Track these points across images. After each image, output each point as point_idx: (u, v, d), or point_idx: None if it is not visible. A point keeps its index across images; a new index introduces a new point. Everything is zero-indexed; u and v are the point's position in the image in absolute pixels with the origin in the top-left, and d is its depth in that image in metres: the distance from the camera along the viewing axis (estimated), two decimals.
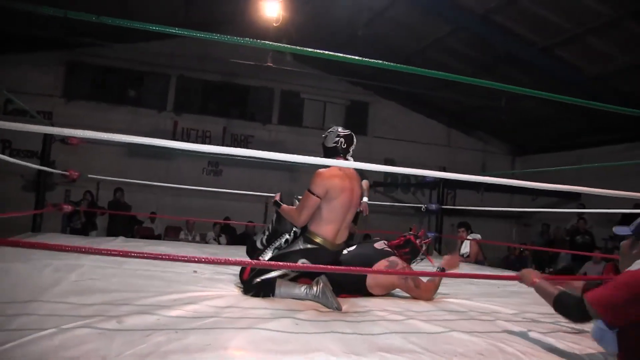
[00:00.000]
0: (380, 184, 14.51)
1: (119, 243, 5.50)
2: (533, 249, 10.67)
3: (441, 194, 8.52)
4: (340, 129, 3.44)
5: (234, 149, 2.48)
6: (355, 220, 4.88)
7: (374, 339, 2.27)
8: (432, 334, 2.44)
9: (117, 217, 10.72)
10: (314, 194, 3.16)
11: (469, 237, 7.65)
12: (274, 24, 8.98)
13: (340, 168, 3.24)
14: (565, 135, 13.37)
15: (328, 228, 3.22)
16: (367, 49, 12.43)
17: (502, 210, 12.73)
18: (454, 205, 13.05)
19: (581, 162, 11.90)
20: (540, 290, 2.47)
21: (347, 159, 3.35)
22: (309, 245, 3.21)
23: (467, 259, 7.46)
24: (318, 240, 3.21)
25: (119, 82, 14.06)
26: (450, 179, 8.41)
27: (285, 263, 3.05)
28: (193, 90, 14.28)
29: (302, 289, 3.08)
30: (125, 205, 11.13)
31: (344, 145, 3.35)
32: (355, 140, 3.42)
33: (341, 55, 2.94)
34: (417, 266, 3.80)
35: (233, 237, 11.48)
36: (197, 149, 2.37)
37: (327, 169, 3.24)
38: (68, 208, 5.66)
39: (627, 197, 3.04)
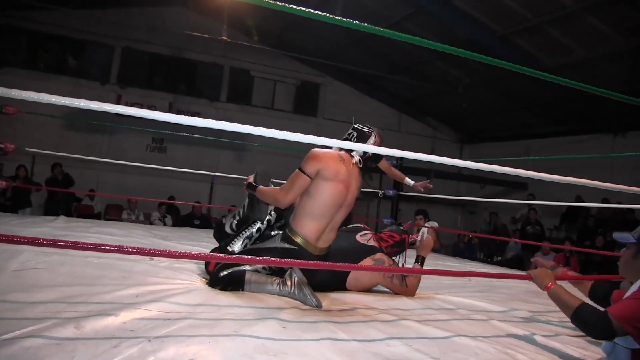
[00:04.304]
0: None
1: (61, 224, 5.00)
2: (486, 237, 10.73)
3: None
4: (360, 125, 3.09)
5: (187, 117, 2.04)
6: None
7: (375, 346, 2.00)
8: (434, 339, 2.19)
9: (56, 194, 10.04)
10: (304, 172, 2.80)
11: (426, 225, 7.53)
12: None
13: (341, 158, 2.90)
14: (513, 125, 13.57)
15: (311, 226, 2.84)
16: (323, 32, 12.19)
17: (449, 198, 12.83)
18: (401, 191, 13.04)
19: (528, 153, 12.14)
20: (555, 298, 2.23)
21: (351, 156, 3.00)
22: (286, 245, 2.85)
23: None
24: (298, 240, 2.84)
25: (58, 51, 13.12)
26: (405, 165, 8.32)
27: (255, 258, 2.74)
28: (139, 63, 13.53)
29: (274, 285, 2.76)
30: (66, 179, 10.38)
31: (355, 140, 3.00)
32: (374, 137, 3.03)
33: (319, 13, 2.55)
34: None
35: (179, 217, 10.98)
36: (150, 116, 2.01)
37: (323, 149, 2.90)
38: (2, 184, 5.09)
39: (583, 184, 2.91)
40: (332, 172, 2.82)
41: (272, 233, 3.04)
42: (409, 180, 5.23)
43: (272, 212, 3.10)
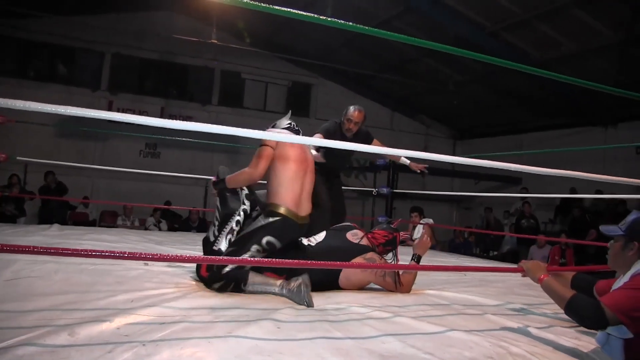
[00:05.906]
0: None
1: (55, 232, 5.00)
2: (481, 232, 10.75)
3: (391, 177, 8.42)
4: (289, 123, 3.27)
5: (179, 122, 2.03)
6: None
7: (370, 343, 2.01)
8: (428, 334, 2.20)
9: (50, 203, 10.00)
10: (267, 145, 2.95)
11: (421, 222, 7.55)
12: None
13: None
14: (506, 120, 13.61)
15: (288, 194, 2.95)
16: (314, 32, 12.20)
17: (444, 194, 12.86)
18: (396, 188, 13.07)
19: (522, 147, 12.18)
20: (548, 290, 2.27)
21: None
22: (270, 219, 2.92)
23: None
24: (281, 210, 2.92)
25: (48, 58, 13.12)
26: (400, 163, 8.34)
27: (249, 259, 2.73)
28: (129, 69, 13.51)
29: (277, 286, 2.79)
30: (59, 187, 10.33)
31: (296, 127, 3.20)
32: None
33: (312, 15, 2.55)
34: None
35: (174, 222, 10.97)
36: (140, 122, 2.00)
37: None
38: None
39: (575, 177, 2.92)
40: (290, 143, 2.98)
41: (253, 215, 3.07)
42: (404, 159, 5.33)
43: (245, 201, 3.10)
